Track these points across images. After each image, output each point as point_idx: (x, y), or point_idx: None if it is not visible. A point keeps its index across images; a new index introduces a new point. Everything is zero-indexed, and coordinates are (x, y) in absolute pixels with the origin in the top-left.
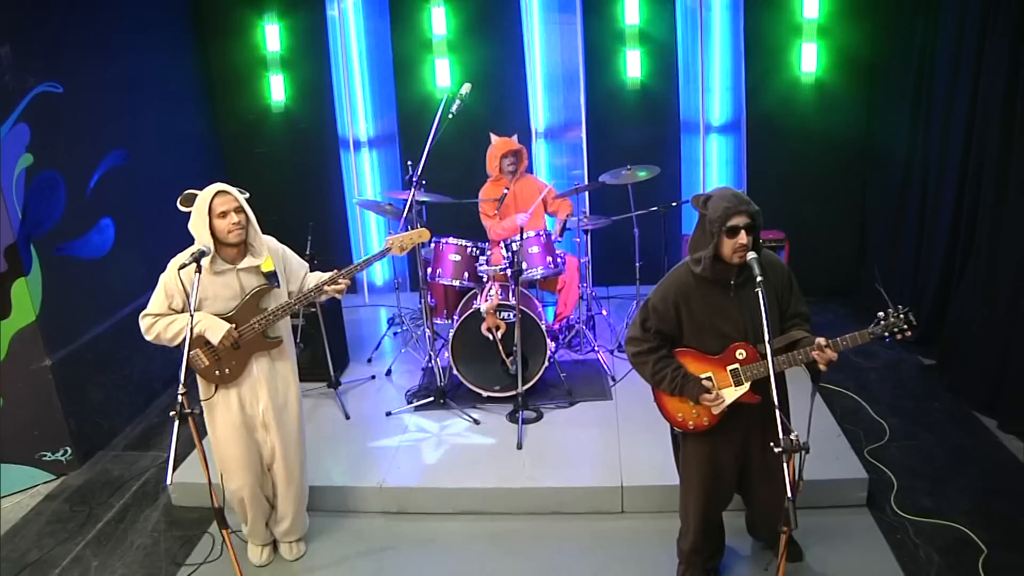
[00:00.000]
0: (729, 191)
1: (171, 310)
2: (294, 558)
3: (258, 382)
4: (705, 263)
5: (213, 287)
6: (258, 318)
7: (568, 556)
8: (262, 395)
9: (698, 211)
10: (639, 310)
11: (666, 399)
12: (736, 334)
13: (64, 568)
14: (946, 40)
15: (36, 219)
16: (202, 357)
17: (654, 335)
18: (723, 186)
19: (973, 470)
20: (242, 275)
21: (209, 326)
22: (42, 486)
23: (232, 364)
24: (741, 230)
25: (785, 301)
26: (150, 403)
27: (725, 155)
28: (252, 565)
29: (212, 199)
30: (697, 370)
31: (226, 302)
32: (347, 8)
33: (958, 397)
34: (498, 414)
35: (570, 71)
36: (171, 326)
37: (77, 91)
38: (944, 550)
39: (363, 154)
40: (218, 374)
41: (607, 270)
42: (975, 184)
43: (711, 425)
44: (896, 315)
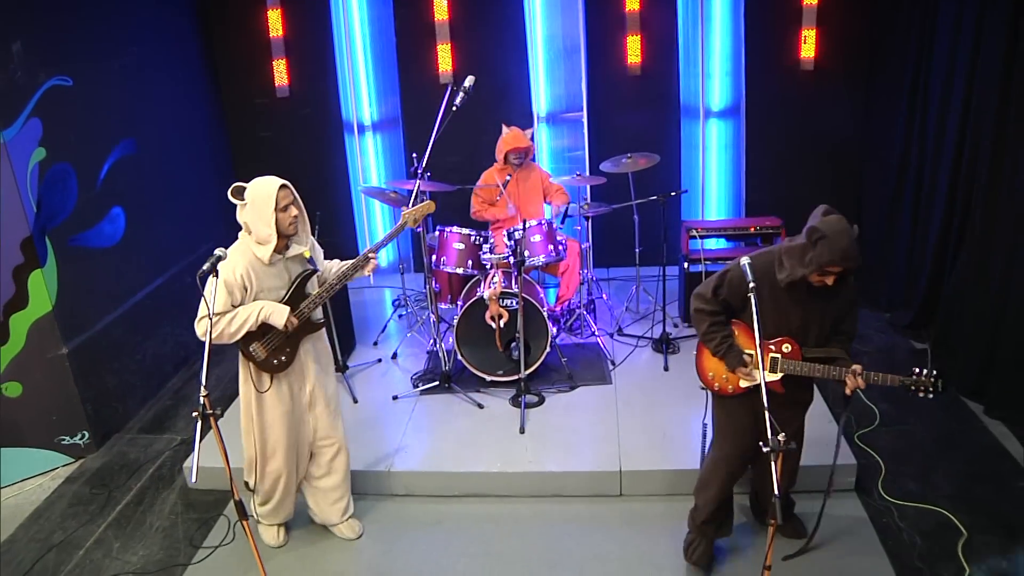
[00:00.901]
0: (846, 238)
1: (233, 307)
2: (356, 535)
3: (305, 366)
4: (790, 276)
5: (268, 279)
6: (307, 302)
7: (569, 537)
8: (309, 376)
9: (808, 228)
10: (717, 276)
11: (705, 357)
12: (790, 331)
13: (88, 549)
14: (943, 29)
15: (50, 212)
16: (259, 350)
17: (720, 302)
18: (839, 220)
19: (958, 455)
20: (289, 264)
21: (272, 311)
22: (61, 469)
23: (286, 352)
24: (833, 275)
25: (841, 319)
26: (162, 386)
27: (724, 140)
28: (269, 549)
29: (277, 192)
30: (744, 344)
31: (276, 292)
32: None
33: (947, 382)
34: (501, 398)
35: (572, 56)
36: (234, 321)
37: (86, 83)
38: (926, 533)
39: (367, 138)
40: (275, 363)
41: (608, 252)
42: (969, 174)
43: (734, 393)
44: (928, 378)
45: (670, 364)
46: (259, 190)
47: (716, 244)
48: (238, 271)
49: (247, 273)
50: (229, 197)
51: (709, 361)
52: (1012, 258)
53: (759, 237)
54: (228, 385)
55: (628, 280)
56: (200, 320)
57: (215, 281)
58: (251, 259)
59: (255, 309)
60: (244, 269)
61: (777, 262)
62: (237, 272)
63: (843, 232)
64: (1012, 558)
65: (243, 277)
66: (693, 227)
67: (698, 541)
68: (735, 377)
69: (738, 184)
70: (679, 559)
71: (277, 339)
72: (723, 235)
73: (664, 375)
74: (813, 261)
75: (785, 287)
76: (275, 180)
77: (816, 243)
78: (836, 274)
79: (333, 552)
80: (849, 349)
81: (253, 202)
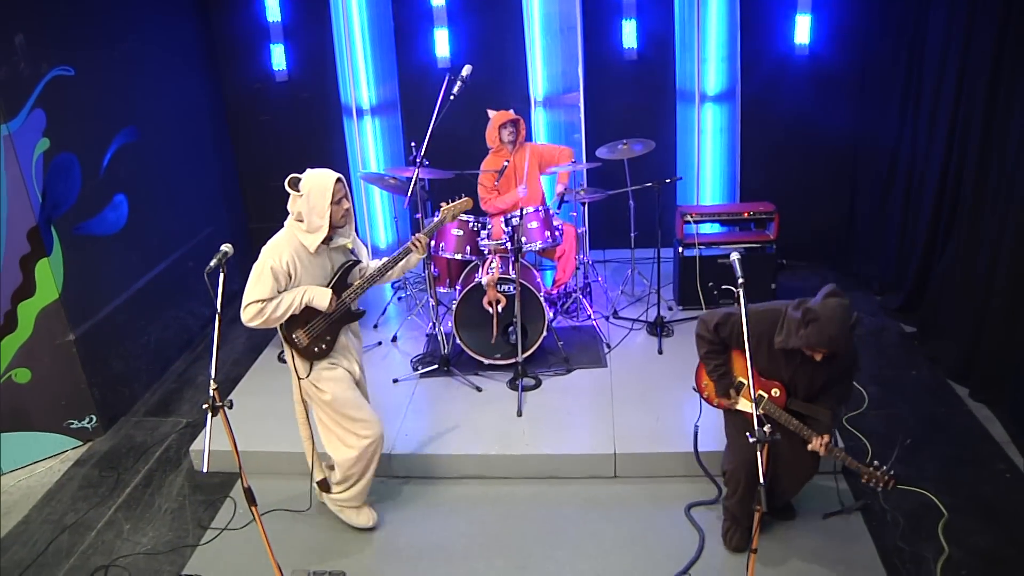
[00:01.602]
0: (835, 326)
1: (278, 293)
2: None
3: (347, 349)
4: (783, 344)
5: (312, 267)
6: (349, 291)
7: (564, 518)
8: (352, 359)
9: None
10: (723, 314)
11: (704, 371)
12: (782, 379)
13: (99, 530)
14: (936, 21)
15: (54, 201)
16: (302, 337)
17: (720, 338)
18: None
19: (942, 438)
20: (332, 254)
21: (316, 293)
22: (71, 452)
23: (327, 339)
24: (820, 353)
25: (834, 380)
26: (166, 369)
27: (719, 124)
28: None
29: (334, 185)
30: (739, 371)
31: (319, 281)
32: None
33: (935, 366)
34: (499, 381)
35: (568, 36)
36: (279, 307)
37: (88, 72)
38: (909, 514)
39: (366, 122)
40: (316, 351)
41: (604, 235)
42: (959, 163)
43: (719, 408)
44: (884, 475)
45: (664, 347)
46: (316, 182)
47: (711, 229)
48: (284, 258)
49: (292, 261)
50: (285, 187)
51: (707, 376)
52: (998, 245)
53: (752, 222)
54: (231, 369)
55: (624, 262)
56: (247, 306)
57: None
58: (296, 247)
59: (300, 292)
60: (290, 256)
61: (780, 322)
62: (283, 259)
63: (834, 320)
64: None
65: (288, 264)
66: (688, 212)
67: (734, 528)
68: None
69: (733, 168)
70: (670, 539)
71: (319, 326)
72: (717, 220)
73: (658, 358)
74: (803, 338)
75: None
76: (331, 173)
77: (808, 323)
78: (823, 354)
79: (335, 534)
80: (835, 413)
81: (309, 193)
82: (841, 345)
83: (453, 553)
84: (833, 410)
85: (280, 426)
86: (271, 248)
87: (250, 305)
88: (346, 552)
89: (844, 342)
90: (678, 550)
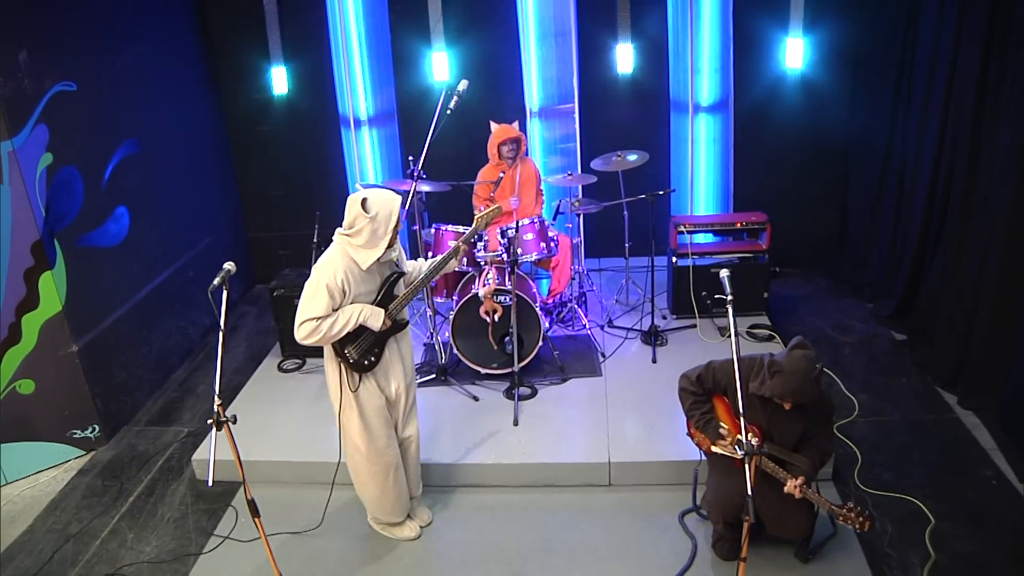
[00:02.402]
0: (798, 379)
1: (333, 311)
2: (427, 522)
3: (391, 364)
4: (757, 391)
5: (363, 283)
6: (395, 303)
7: (560, 526)
8: (395, 375)
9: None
10: (703, 367)
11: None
12: (759, 424)
13: (103, 539)
14: (925, 37)
15: (57, 214)
16: (353, 352)
17: (703, 388)
18: (801, 359)
19: (931, 445)
20: (380, 267)
21: (370, 314)
22: (74, 461)
23: (375, 352)
24: (788, 402)
25: (812, 430)
26: (167, 378)
27: (713, 135)
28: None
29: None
30: (721, 416)
31: (369, 295)
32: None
33: (924, 373)
34: (495, 390)
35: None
36: (335, 325)
37: (90, 87)
38: (898, 521)
39: (364, 133)
40: (366, 364)
41: (599, 244)
42: (948, 171)
43: (707, 453)
44: (859, 516)
45: (658, 356)
46: (385, 205)
47: (704, 239)
48: (339, 276)
49: (346, 278)
50: (359, 207)
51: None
52: (985, 254)
53: (745, 232)
54: (232, 377)
55: (619, 271)
56: (302, 324)
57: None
58: (349, 263)
59: (355, 312)
60: (344, 274)
61: (755, 371)
62: (338, 277)
63: (797, 372)
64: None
65: (343, 282)
66: (681, 222)
67: (724, 539)
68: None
69: (726, 178)
70: (664, 546)
71: (368, 340)
72: (710, 230)
73: (652, 367)
74: (769, 388)
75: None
76: (396, 197)
77: (773, 375)
78: (791, 402)
79: (334, 542)
80: (816, 465)
81: (378, 215)
82: (804, 395)
83: (450, 561)
84: (813, 460)
85: (280, 436)
86: (325, 265)
87: (305, 323)
88: (343, 561)
89: (808, 393)
90: (671, 558)
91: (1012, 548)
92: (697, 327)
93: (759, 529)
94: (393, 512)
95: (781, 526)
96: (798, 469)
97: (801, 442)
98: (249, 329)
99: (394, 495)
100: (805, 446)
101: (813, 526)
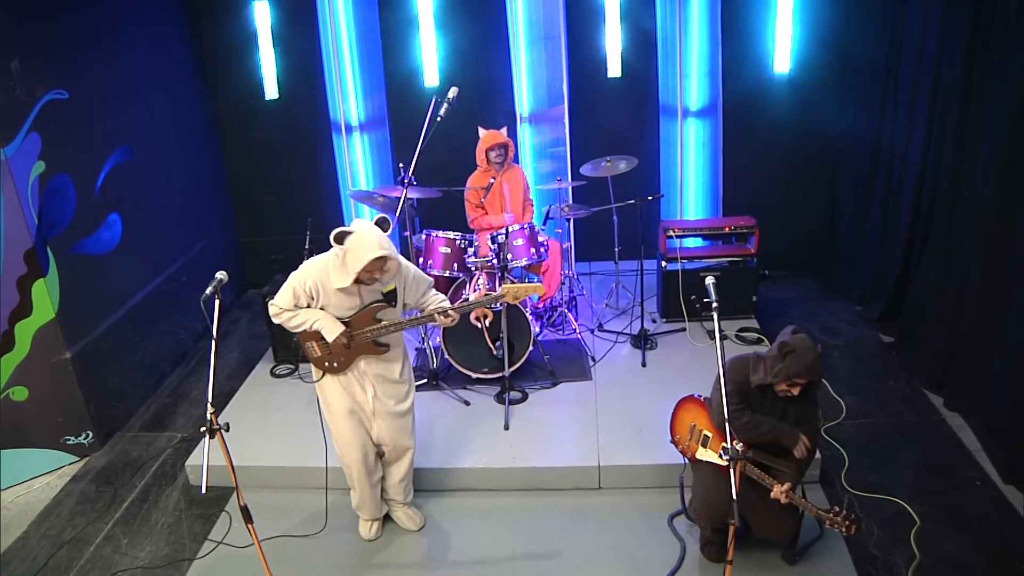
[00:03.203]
0: (812, 354)
1: (296, 307)
2: (420, 525)
3: (365, 375)
4: (761, 381)
5: (337, 298)
6: (370, 327)
7: (550, 529)
8: (368, 388)
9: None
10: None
11: (677, 421)
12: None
13: (98, 545)
14: (911, 40)
15: (50, 222)
16: (315, 348)
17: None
18: (806, 338)
19: (917, 446)
20: (364, 290)
21: (326, 326)
22: (68, 467)
23: (340, 360)
24: (799, 386)
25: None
26: (160, 384)
27: (702, 139)
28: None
29: (371, 263)
30: (706, 426)
31: (345, 311)
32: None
33: (911, 375)
34: (486, 395)
35: (552, 48)
36: (293, 319)
37: (82, 94)
38: (884, 522)
39: (355, 138)
40: (327, 364)
41: (589, 247)
42: (933, 177)
43: (692, 460)
44: (844, 519)
45: (647, 359)
46: (358, 248)
47: (693, 243)
48: (308, 283)
49: (315, 287)
50: (331, 241)
51: (678, 424)
52: (970, 257)
53: (734, 236)
54: (225, 382)
55: (609, 275)
56: (271, 305)
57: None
58: (323, 276)
59: (314, 318)
60: (313, 283)
61: (752, 366)
62: (307, 283)
63: (810, 349)
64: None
65: (311, 289)
66: (670, 227)
67: (711, 542)
68: (694, 446)
69: (715, 182)
70: (654, 549)
71: (334, 347)
72: (699, 234)
73: (641, 371)
74: (782, 372)
75: (755, 390)
76: (376, 249)
77: (786, 356)
78: (801, 385)
79: (327, 546)
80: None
81: (347, 252)
82: (818, 371)
83: (441, 564)
84: (799, 468)
85: (273, 440)
86: (304, 268)
87: (273, 306)
88: (336, 565)
89: (819, 369)
90: (660, 560)
91: (995, 548)
92: (687, 330)
93: (746, 532)
94: (360, 507)
95: (767, 529)
96: (783, 475)
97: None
98: (242, 334)
99: (358, 492)
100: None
101: (799, 528)
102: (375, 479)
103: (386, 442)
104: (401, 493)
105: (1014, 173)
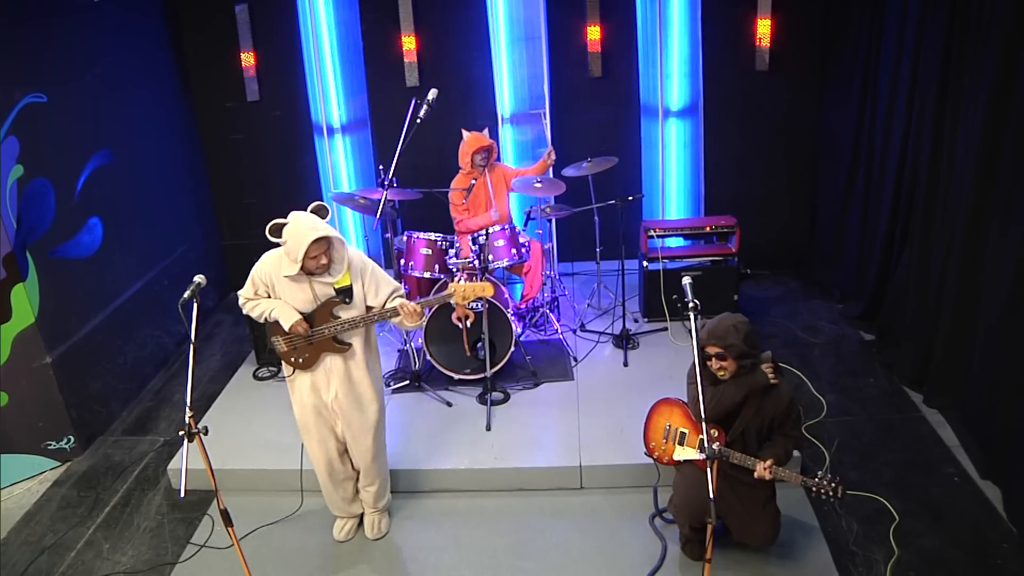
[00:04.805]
0: (721, 325)
1: (258, 296)
2: (374, 536)
3: (331, 373)
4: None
5: (290, 290)
6: (328, 324)
7: (532, 529)
8: (333, 386)
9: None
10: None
11: (650, 428)
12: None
13: (79, 551)
14: (890, 30)
15: (29, 226)
16: (281, 343)
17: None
18: (728, 315)
19: (896, 444)
20: (316, 285)
21: (281, 313)
22: (49, 472)
23: (305, 356)
24: (712, 357)
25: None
26: (143, 388)
27: (683, 139)
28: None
29: (308, 247)
30: (681, 423)
31: (301, 305)
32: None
33: (891, 373)
34: (469, 396)
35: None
36: (256, 308)
37: (60, 98)
38: (863, 519)
39: (337, 140)
40: (292, 360)
41: (570, 248)
42: (912, 173)
43: (669, 464)
44: (829, 483)
45: (629, 360)
46: (294, 238)
47: (674, 243)
48: (262, 270)
49: (267, 278)
50: (268, 236)
51: (652, 432)
52: (948, 254)
53: (715, 236)
54: (207, 386)
55: (591, 275)
56: (240, 294)
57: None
58: (276, 269)
59: (272, 306)
60: (266, 273)
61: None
62: (261, 271)
63: (724, 319)
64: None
65: (266, 276)
66: (652, 227)
67: (692, 541)
68: (671, 448)
69: (697, 182)
70: (635, 547)
71: (297, 339)
72: (680, 234)
73: (623, 371)
74: (699, 341)
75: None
76: (310, 232)
77: (702, 327)
78: (716, 356)
79: (309, 548)
80: (787, 451)
81: (286, 243)
82: (719, 338)
83: (423, 565)
84: (787, 448)
85: (255, 443)
86: (262, 259)
87: (240, 296)
88: (318, 567)
89: (720, 336)
90: (642, 559)
91: (972, 543)
92: (668, 330)
93: (725, 532)
94: (329, 504)
95: (746, 533)
96: (765, 453)
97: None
98: (224, 337)
99: (323, 489)
100: (769, 445)
101: (778, 533)
102: (339, 478)
103: (349, 444)
104: (370, 498)
105: (989, 172)
